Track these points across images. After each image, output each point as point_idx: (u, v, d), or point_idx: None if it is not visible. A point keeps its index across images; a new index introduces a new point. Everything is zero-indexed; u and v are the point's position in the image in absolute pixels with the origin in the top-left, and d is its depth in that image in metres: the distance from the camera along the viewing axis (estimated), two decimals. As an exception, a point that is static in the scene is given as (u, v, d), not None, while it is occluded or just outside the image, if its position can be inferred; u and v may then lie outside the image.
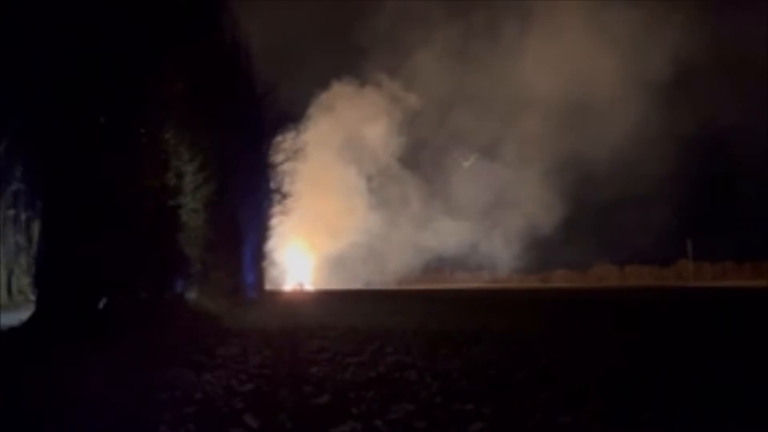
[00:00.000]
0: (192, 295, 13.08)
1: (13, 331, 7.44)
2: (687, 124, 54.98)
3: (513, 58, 62.00)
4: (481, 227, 64.02)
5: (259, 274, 31.01)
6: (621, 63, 59.42)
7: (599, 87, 59.31)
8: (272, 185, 30.39)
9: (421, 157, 66.57)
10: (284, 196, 32.24)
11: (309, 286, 61.04)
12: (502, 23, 62.36)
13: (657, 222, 54.73)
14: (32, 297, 10.44)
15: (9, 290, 18.39)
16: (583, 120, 60.74)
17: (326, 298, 29.16)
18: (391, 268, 64.31)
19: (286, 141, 30.41)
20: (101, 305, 8.38)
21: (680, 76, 56.51)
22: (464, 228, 63.36)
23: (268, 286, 38.85)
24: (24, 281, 18.16)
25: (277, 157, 30.07)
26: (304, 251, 64.67)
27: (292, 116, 30.58)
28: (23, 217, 18.36)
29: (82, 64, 7.64)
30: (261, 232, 28.62)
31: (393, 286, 57.60)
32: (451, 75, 64.47)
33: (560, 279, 72.89)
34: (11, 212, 18.45)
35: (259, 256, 29.22)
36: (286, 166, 31.31)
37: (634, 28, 59.42)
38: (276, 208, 31.98)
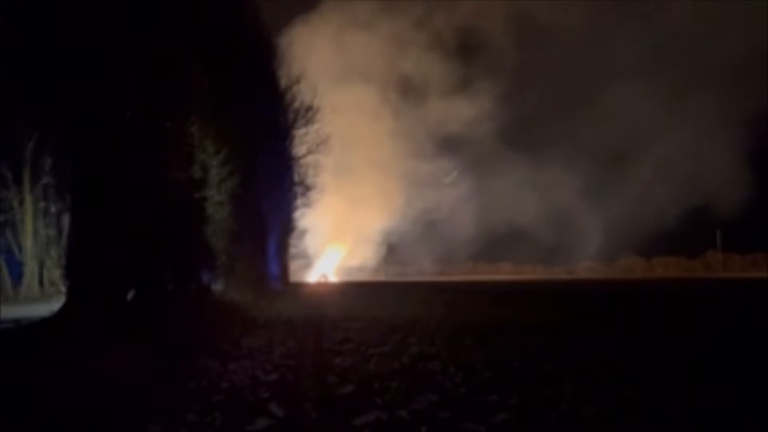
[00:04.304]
0: (218, 286, 13.23)
1: (44, 321, 7.62)
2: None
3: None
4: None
5: (284, 266, 31.22)
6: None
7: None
8: (296, 178, 30.52)
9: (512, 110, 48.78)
10: (308, 188, 32.42)
11: (333, 278, 61.16)
12: None
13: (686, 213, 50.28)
14: (63, 288, 10.67)
15: (41, 282, 18.85)
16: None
17: (351, 290, 29.26)
18: (429, 256, 57.14)
19: (309, 133, 30.48)
20: (129, 296, 8.52)
21: None
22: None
23: (292, 278, 39.10)
24: (55, 273, 18.60)
25: (301, 150, 30.21)
26: (330, 243, 64.20)
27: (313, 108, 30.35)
28: (53, 209, 18.78)
29: (108, 59, 7.73)
30: (285, 224, 28.79)
31: (418, 278, 55.49)
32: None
33: (586, 271, 72.00)
34: (42, 205, 18.88)
35: (283, 248, 29.40)
36: (310, 159, 31.45)
37: None
38: (300, 200, 32.17)
